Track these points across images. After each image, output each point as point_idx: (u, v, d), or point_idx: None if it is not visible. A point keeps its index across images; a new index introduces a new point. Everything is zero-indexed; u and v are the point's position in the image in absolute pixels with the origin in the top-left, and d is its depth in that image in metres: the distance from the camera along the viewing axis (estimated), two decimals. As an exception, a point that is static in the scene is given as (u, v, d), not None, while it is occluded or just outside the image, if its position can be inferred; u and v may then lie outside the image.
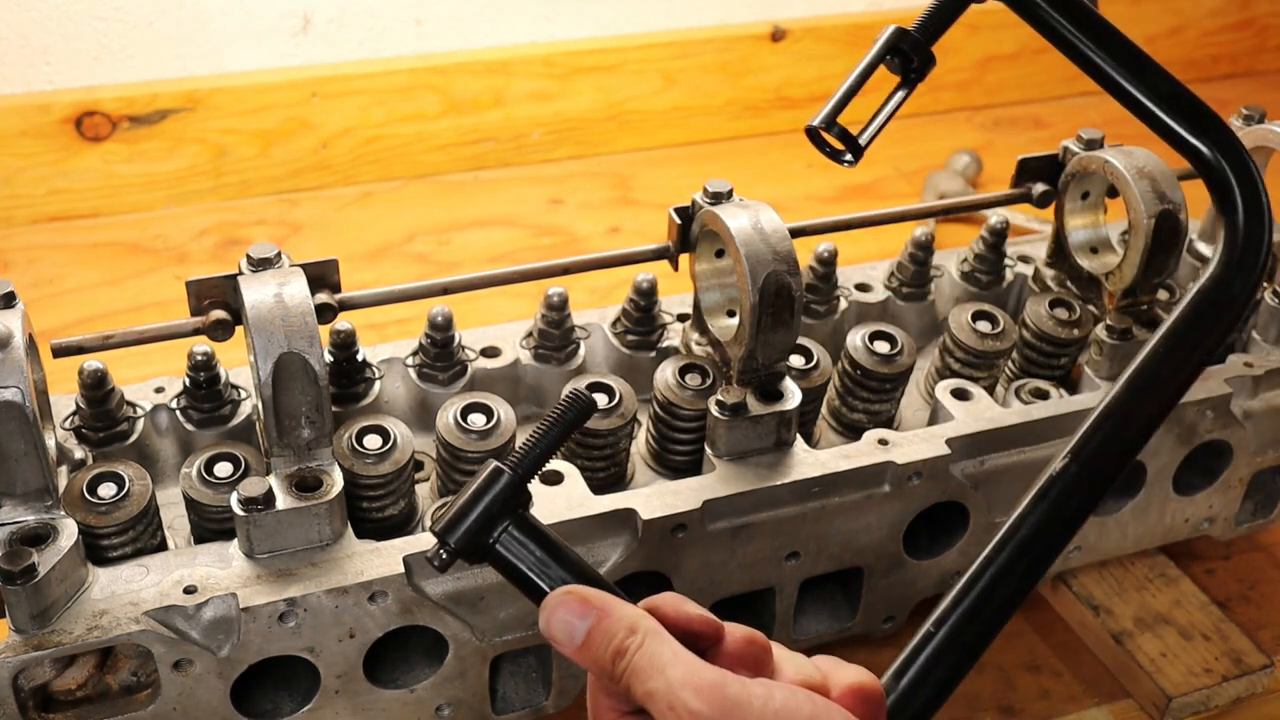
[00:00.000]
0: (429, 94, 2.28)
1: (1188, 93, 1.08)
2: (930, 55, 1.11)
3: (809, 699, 0.81)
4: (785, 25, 2.48)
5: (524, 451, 0.90)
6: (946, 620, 0.93)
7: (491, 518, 0.88)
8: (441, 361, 1.38)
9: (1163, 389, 1.02)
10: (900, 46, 1.11)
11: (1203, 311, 1.04)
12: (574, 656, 0.85)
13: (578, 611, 0.85)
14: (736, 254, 1.22)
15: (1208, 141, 1.08)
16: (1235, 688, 1.40)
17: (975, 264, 1.59)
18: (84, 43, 2.09)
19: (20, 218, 2.12)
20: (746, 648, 0.86)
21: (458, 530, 0.88)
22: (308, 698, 1.17)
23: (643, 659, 0.82)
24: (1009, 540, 0.96)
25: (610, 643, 0.83)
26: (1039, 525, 0.96)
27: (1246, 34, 2.90)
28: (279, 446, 1.14)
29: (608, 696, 0.86)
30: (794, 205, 2.27)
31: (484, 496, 0.88)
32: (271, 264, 1.18)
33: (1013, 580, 0.94)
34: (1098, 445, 0.98)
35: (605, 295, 1.96)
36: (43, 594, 1.05)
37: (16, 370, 1.07)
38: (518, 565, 0.89)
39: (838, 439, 1.43)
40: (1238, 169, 1.07)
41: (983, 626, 0.94)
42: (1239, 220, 1.07)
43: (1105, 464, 0.98)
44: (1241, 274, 1.06)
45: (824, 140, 1.12)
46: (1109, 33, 1.08)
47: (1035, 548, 0.96)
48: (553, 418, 0.91)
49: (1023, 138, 2.61)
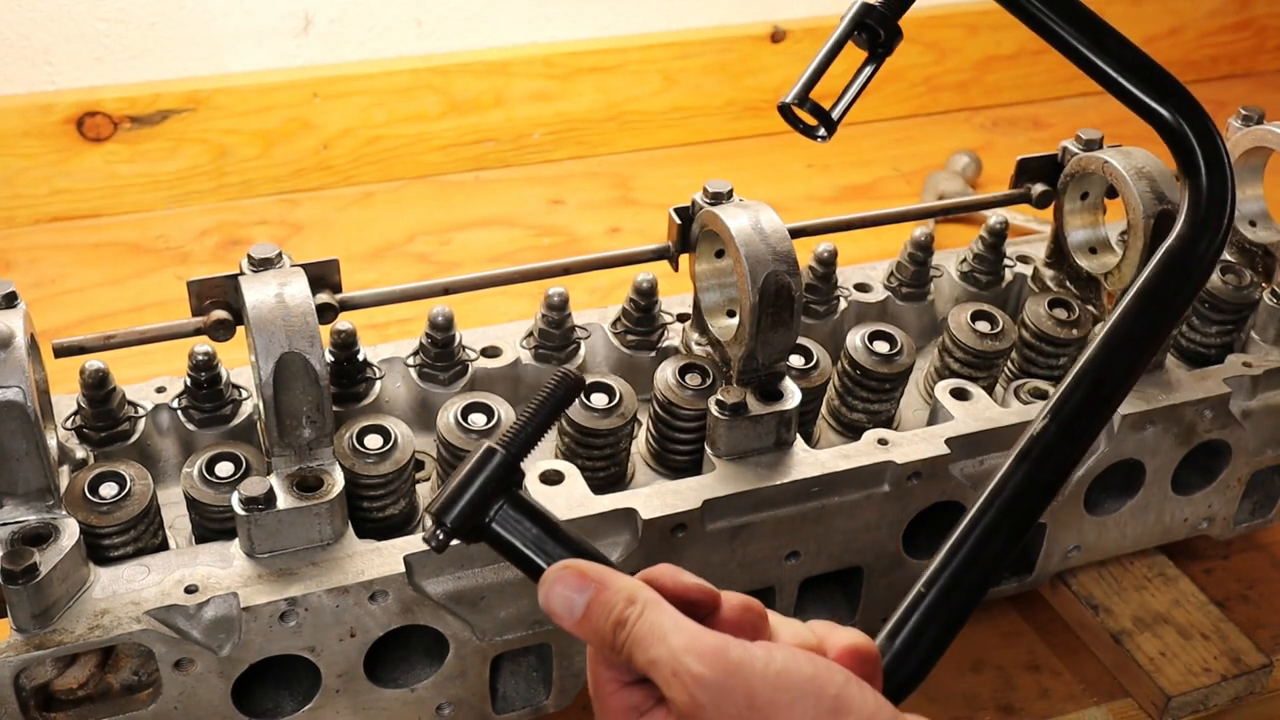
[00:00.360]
0: (430, 94, 2.29)
1: (1149, 60, 1.12)
2: (897, 29, 1.12)
3: (809, 659, 0.81)
4: (785, 26, 2.48)
5: (515, 431, 0.90)
6: (937, 581, 0.94)
7: (486, 497, 0.88)
8: (442, 361, 1.38)
9: (1136, 346, 1.04)
10: (867, 21, 1.11)
11: (1172, 270, 1.07)
12: (574, 630, 0.85)
13: (576, 585, 0.85)
14: (736, 254, 1.22)
15: (1169, 106, 1.11)
16: (1234, 687, 1.40)
17: (974, 264, 1.59)
18: (86, 43, 2.09)
19: (22, 218, 2.12)
20: (744, 614, 0.87)
21: (453, 510, 0.88)
22: (309, 697, 1.17)
23: (643, 628, 0.83)
24: (994, 500, 0.97)
25: (610, 614, 0.84)
26: (1022, 485, 0.98)
27: (1245, 34, 2.90)
28: (280, 446, 1.15)
29: (608, 669, 0.87)
30: (794, 205, 2.27)
31: (478, 476, 0.89)
32: (272, 264, 1.18)
33: (999, 540, 0.96)
34: (1076, 404, 1.00)
35: (605, 295, 1.96)
36: (44, 593, 1.05)
37: (18, 370, 1.07)
38: (514, 543, 0.89)
39: (837, 439, 1.43)
40: (1199, 132, 1.10)
41: (972, 585, 0.95)
42: (1202, 181, 1.10)
43: (1084, 422, 1.01)
44: (1208, 233, 1.09)
45: (796, 117, 1.13)
46: (1070, 3, 1.11)
47: (1020, 507, 0.98)
48: (542, 396, 0.91)
49: (1022, 138, 2.62)
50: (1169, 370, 1.41)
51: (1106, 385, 1.02)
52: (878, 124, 2.59)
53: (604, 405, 1.28)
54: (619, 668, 0.86)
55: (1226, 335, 1.51)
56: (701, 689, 0.79)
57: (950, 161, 2.37)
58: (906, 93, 2.63)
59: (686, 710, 0.80)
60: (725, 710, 0.79)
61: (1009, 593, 1.48)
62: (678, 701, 0.80)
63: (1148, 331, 1.04)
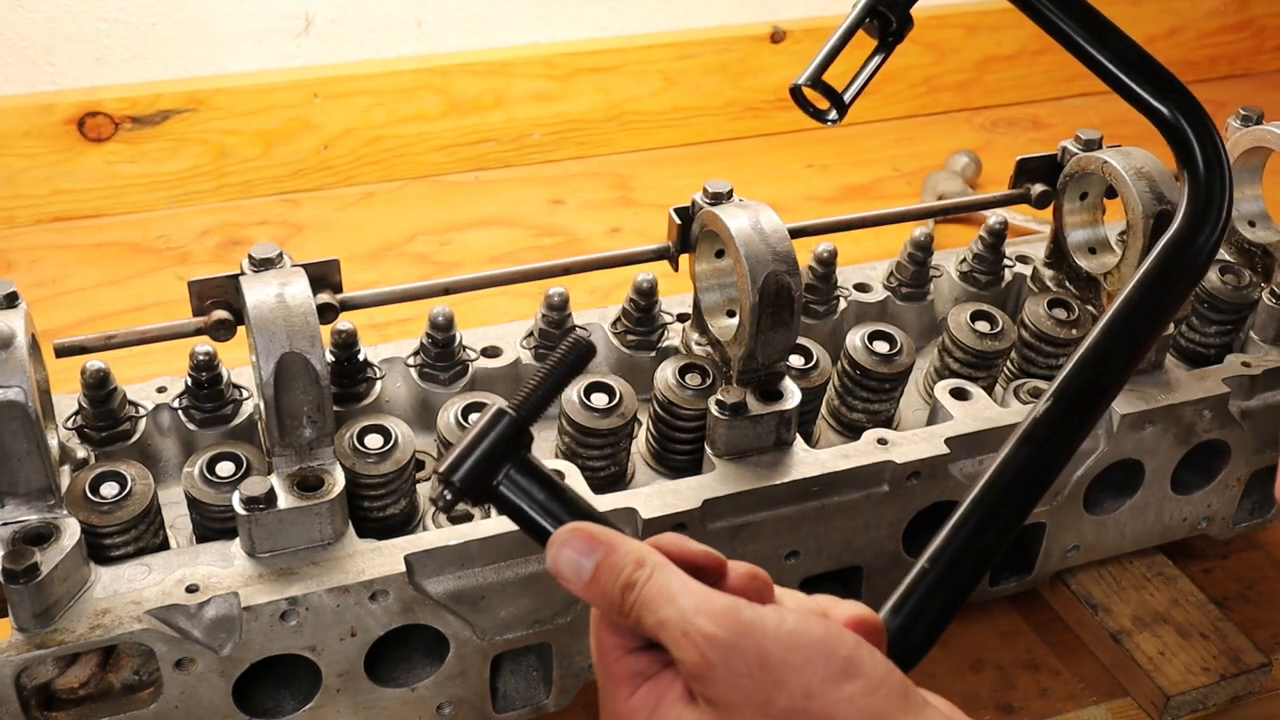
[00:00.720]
0: (430, 95, 2.29)
1: (1149, 57, 1.14)
2: (908, 17, 1.13)
3: (820, 622, 0.81)
4: (785, 26, 2.48)
5: (526, 394, 0.90)
6: (940, 557, 0.95)
7: (495, 459, 0.87)
8: (442, 361, 1.38)
9: (1137, 335, 1.07)
10: (879, 8, 1.12)
11: (1171, 262, 1.09)
12: (581, 593, 0.85)
13: (584, 548, 0.85)
14: (736, 254, 1.22)
15: (1168, 103, 1.13)
16: (1233, 686, 1.40)
17: (974, 264, 1.59)
18: (86, 44, 2.09)
19: (23, 218, 2.12)
20: (750, 582, 0.86)
21: (461, 469, 0.87)
22: (309, 696, 1.17)
23: (653, 590, 0.82)
24: (997, 481, 0.99)
25: (619, 576, 0.83)
26: (1025, 466, 1.00)
27: (1244, 35, 2.90)
28: (281, 446, 1.15)
29: (613, 635, 0.86)
30: (793, 205, 2.27)
31: (486, 437, 0.87)
32: (273, 264, 1.18)
33: (1002, 519, 0.98)
34: (1078, 390, 1.02)
35: (605, 295, 1.96)
36: (45, 593, 1.05)
37: (19, 370, 1.07)
38: (521, 505, 0.88)
39: (837, 438, 1.43)
40: (1197, 128, 1.13)
41: (975, 562, 0.96)
42: (1200, 176, 1.12)
43: (1085, 407, 1.03)
44: (1207, 226, 1.11)
45: (807, 100, 1.14)
46: (1078, 3, 1.14)
47: (1022, 487, 0.99)
48: (554, 361, 0.90)
49: (1021, 138, 2.62)
50: (1168, 370, 1.42)
51: (1107, 372, 1.04)
52: (878, 124, 2.60)
53: (604, 405, 1.28)
54: (624, 633, 0.85)
55: (1226, 335, 1.51)
56: (713, 648, 0.79)
57: (950, 162, 2.37)
58: (906, 93, 2.63)
59: (696, 670, 0.80)
60: (736, 669, 0.79)
61: (1008, 592, 1.48)
62: (688, 661, 0.80)
63: (1146, 321, 1.07)
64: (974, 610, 1.49)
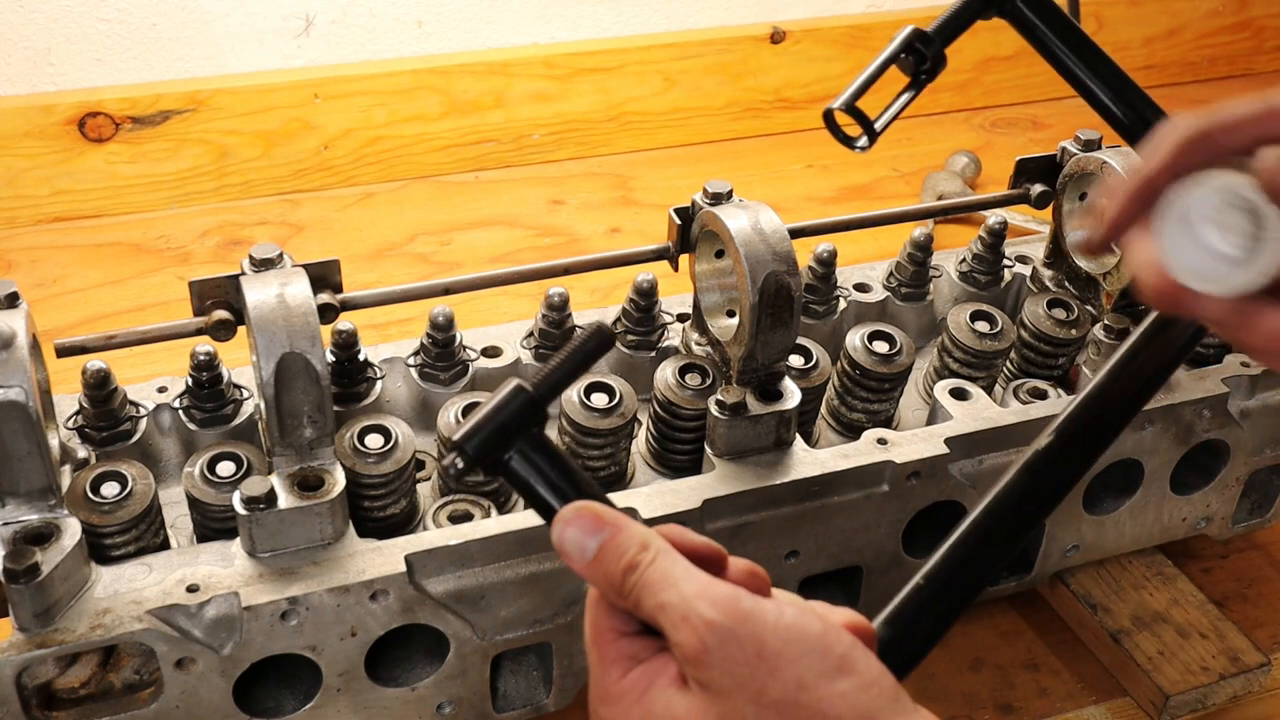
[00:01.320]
0: (430, 95, 2.29)
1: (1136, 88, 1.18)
2: (942, 57, 1.15)
3: (818, 619, 0.82)
4: (785, 27, 2.48)
5: (544, 374, 0.90)
6: (935, 577, 0.96)
7: (508, 432, 0.88)
8: (443, 361, 1.39)
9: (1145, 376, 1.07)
10: (916, 45, 1.13)
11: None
12: (583, 572, 0.85)
13: (590, 527, 0.85)
14: (736, 254, 1.22)
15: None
16: (1232, 686, 1.41)
17: (974, 264, 1.59)
18: (87, 44, 2.09)
19: (24, 218, 2.12)
20: (749, 578, 0.87)
21: (475, 439, 0.87)
22: (310, 696, 1.18)
23: (655, 573, 0.82)
24: (997, 506, 0.99)
25: (622, 557, 0.83)
26: (1023, 496, 1.00)
27: (1244, 35, 2.90)
28: (281, 446, 1.15)
29: (609, 618, 0.86)
30: (793, 206, 2.27)
31: (503, 410, 0.88)
32: (274, 264, 1.19)
33: (997, 546, 0.99)
34: (1082, 425, 1.03)
35: (606, 295, 1.96)
36: (46, 593, 1.05)
37: (20, 370, 1.07)
38: (530, 481, 0.89)
39: (837, 438, 1.43)
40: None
41: (969, 584, 0.97)
42: None
43: (1089, 442, 1.03)
44: None
45: (838, 126, 1.15)
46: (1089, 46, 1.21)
47: (1019, 516, 1.00)
48: (574, 346, 0.91)
49: (1021, 139, 2.62)
50: (1167, 370, 1.42)
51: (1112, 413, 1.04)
52: (877, 124, 2.59)
53: (604, 405, 1.29)
54: (621, 616, 0.85)
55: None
56: (712, 633, 0.79)
57: (949, 162, 2.37)
58: (906, 93, 2.63)
59: (693, 655, 0.80)
60: (733, 656, 0.79)
61: (1008, 592, 1.48)
62: (685, 645, 0.80)
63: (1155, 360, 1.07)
64: (973, 610, 1.48)
